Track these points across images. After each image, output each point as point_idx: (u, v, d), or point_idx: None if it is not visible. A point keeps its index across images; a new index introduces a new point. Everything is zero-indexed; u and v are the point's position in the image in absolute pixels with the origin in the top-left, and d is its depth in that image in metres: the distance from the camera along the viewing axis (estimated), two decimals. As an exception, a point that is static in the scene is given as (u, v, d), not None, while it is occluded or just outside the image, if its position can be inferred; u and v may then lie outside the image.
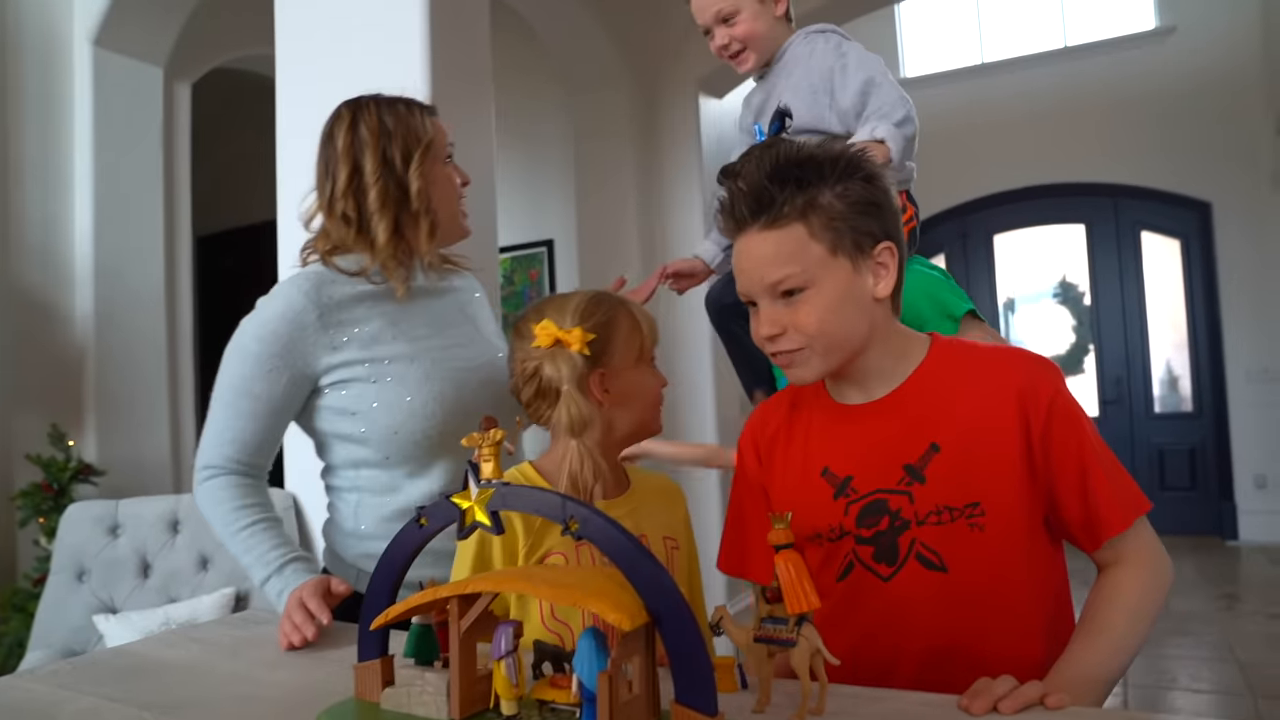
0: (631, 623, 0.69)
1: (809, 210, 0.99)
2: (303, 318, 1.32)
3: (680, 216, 4.11)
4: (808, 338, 1.01)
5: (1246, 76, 5.64)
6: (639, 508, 1.18)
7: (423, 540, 0.85)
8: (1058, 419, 1.00)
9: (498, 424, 0.82)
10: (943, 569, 1.00)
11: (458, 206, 1.45)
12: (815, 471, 1.08)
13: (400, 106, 1.39)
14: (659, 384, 1.18)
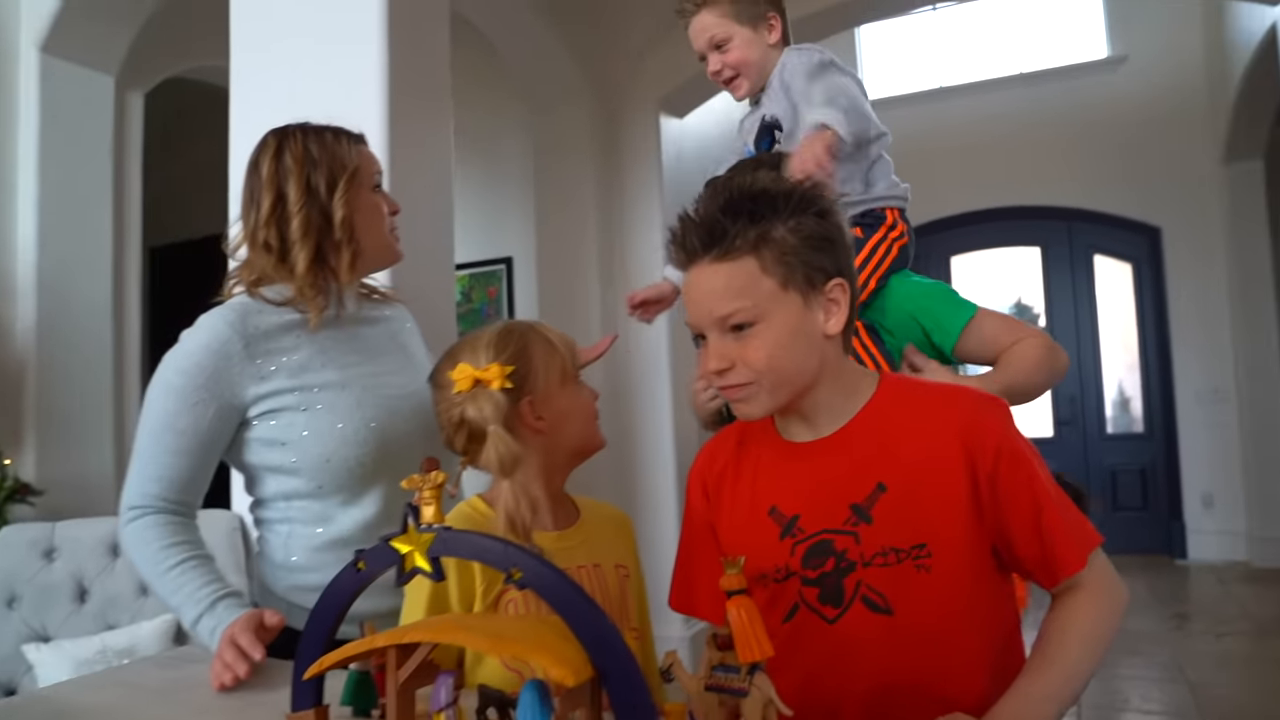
0: (575, 678, 0.66)
1: (761, 243, 0.98)
2: (228, 348, 1.30)
3: (640, 236, 4.10)
4: (756, 373, 0.99)
5: (1194, 107, 5.78)
6: (591, 537, 1.17)
7: (360, 585, 0.81)
8: (1005, 460, 0.99)
9: (439, 466, 0.78)
10: (888, 611, 0.99)
11: (385, 233, 1.45)
12: (762, 510, 1.06)
13: (327, 135, 1.40)
14: (590, 398, 1.19)
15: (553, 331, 1.18)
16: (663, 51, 4.09)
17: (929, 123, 6.39)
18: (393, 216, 1.47)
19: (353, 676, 0.87)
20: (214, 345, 1.30)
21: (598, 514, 1.23)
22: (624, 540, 1.24)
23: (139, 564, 1.30)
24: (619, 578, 1.17)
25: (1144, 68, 5.97)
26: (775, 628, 1.01)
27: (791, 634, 1.02)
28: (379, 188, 1.45)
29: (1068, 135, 6.09)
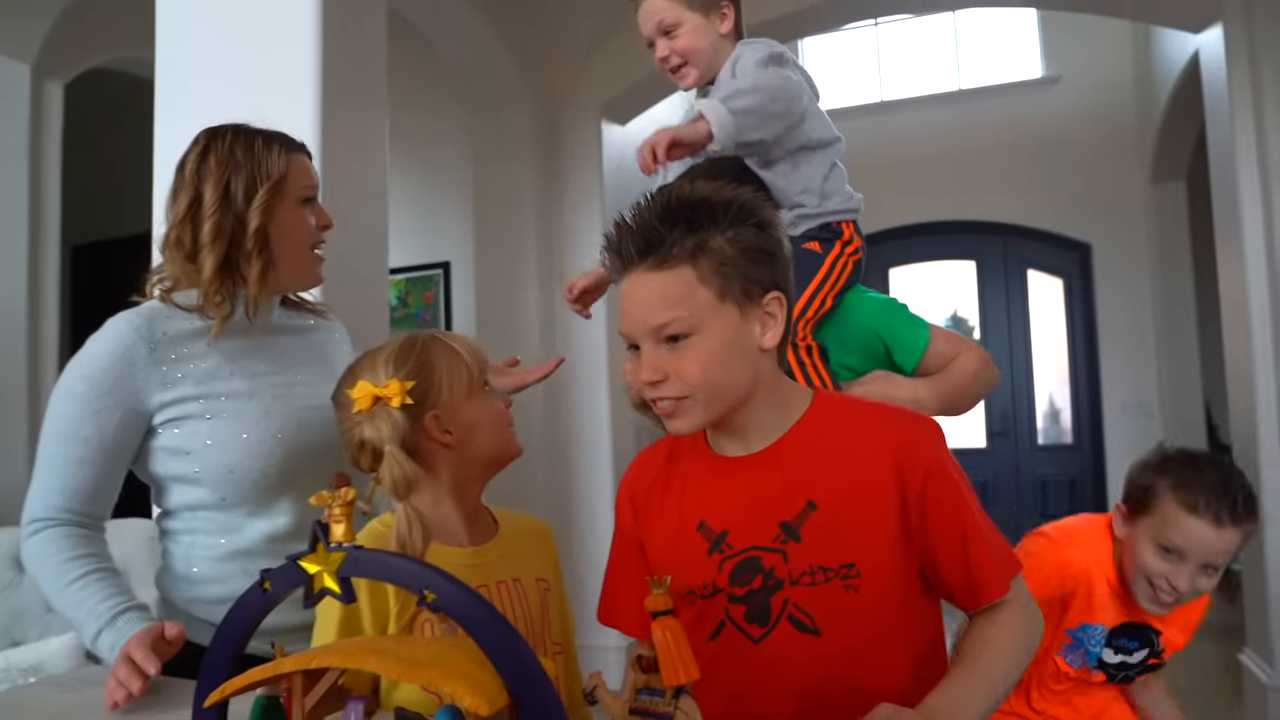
0: (490, 707, 0.63)
1: (699, 253, 0.96)
2: (132, 353, 1.26)
3: (580, 243, 4.07)
4: (690, 386, 0.97)
5: (1123, 128, 5.95)
6: (511, 550, 1.14)
7: (266, 606, 0.76)
8: (934, 483, 0.98)
9: (349, 481, 0.75)
10: (815, 632, 0.98)
11: (304, 250, 1.39)
12: (691, 525, 1.04)
13: (258, 140, 1.35)
14: (502, 406, 1.16)
15: (459, 340, 1.14)
16: (605, 57, 4.07)
17: (869, 136, 6.46)
18: (322, 232, 1.41)
19: (259, 702, 0.82)
20: (118, 350, 1.26)
21: (517, 526, 1.21)
22: (545, 552, 1.21)
23: (40, 579, 1.24)
24: (540, 591, 1.15)
25: (1076, 89, 6.13)
26: (701, 645, 1.00)
27: (717, 652, 1.00)
28: (310, 201, 1.39)
29: (1003, 152, 6.22)
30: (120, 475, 1.30)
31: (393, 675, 0.66)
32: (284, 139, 1.37)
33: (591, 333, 3.96)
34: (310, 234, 1.38)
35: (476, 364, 1.13)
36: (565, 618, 1.21)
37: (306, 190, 1.37)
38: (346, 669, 0.72)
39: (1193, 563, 1.49)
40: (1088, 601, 1.57)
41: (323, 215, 1.40)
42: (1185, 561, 1.49)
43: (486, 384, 1.16)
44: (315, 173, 1.40)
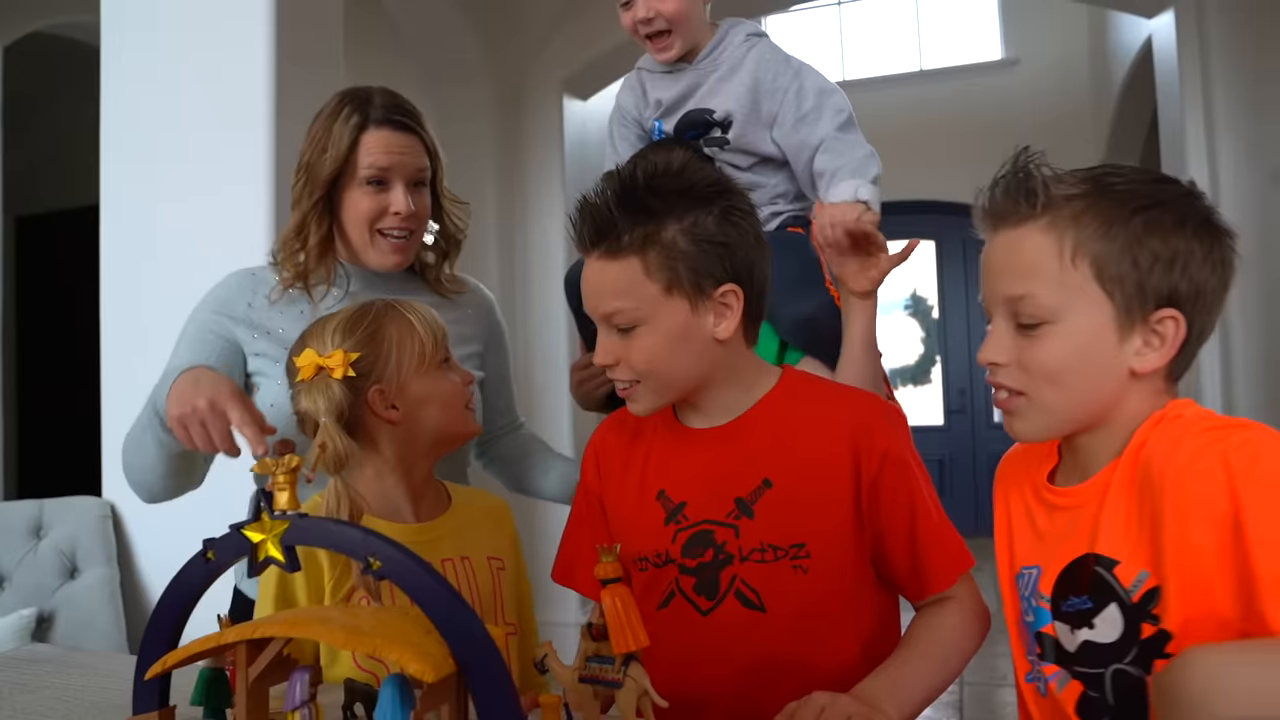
0: (435, 674, 0.62)
1: (648, 245, 0.95)
2: (233, 306, 1.32)
3: (541, 219, 4.04)
4: (638, 373, 0.99)
5: (1079, 111, 6.02)
6: (462, 527, 1.12)
7: (210, 576, 0.75)
8: (889, 471, 0.99)
9: (294, 449, 0.73)
10: (761, 609, 0.98)
11: (366, 232, 1.33)
12: (651, 493, 1.05)
13: (347, 109, 1.31)
14: (458, 383, 1.13)
15: (417, 310, 1.11)
16: (568, 30, 4.03)
17: (831, 116, 6.48)
18: (391, 217, 1.33)
19: (204, 674, 0.82)
20: (219, 299, 1.32)
21: (473, 503, 1.19)
22: (502, 530, 1.19)
23: (127, 458, 1.25)
24: (492, 570, 1.13)
25: (1034, 71, 6.19)
26: (650, 613, 1.01)
27: (666, 621, 1.01)
28: (377, 183, 1.31)
29: (962, 133, 6.27)
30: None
31: (337, 644, 0.66)
32: (377, 110, 1.31)
33: (552, 311, 3.95)
34: (370, 217, 1.31)
35: (432, 337, 1.11)
36: (524, 598, 1.19)
37: (370, 170, 1.30)
38: (290, 639, 0.71)
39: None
40: (1005, 520, 0.99)
41: (396, 200, 1.31)
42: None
43: (447, 360, 1.13)
44: (401, 151, 1.31)
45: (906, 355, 6.76)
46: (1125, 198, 0.79)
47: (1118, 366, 0.80)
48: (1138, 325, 0.79)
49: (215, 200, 2.21)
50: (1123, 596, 0.78)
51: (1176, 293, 0.78)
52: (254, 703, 0.72)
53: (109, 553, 2.48)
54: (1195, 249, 0.78)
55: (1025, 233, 0.82)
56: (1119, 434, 0.81)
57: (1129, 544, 0.78)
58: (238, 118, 2.22)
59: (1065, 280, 0.79)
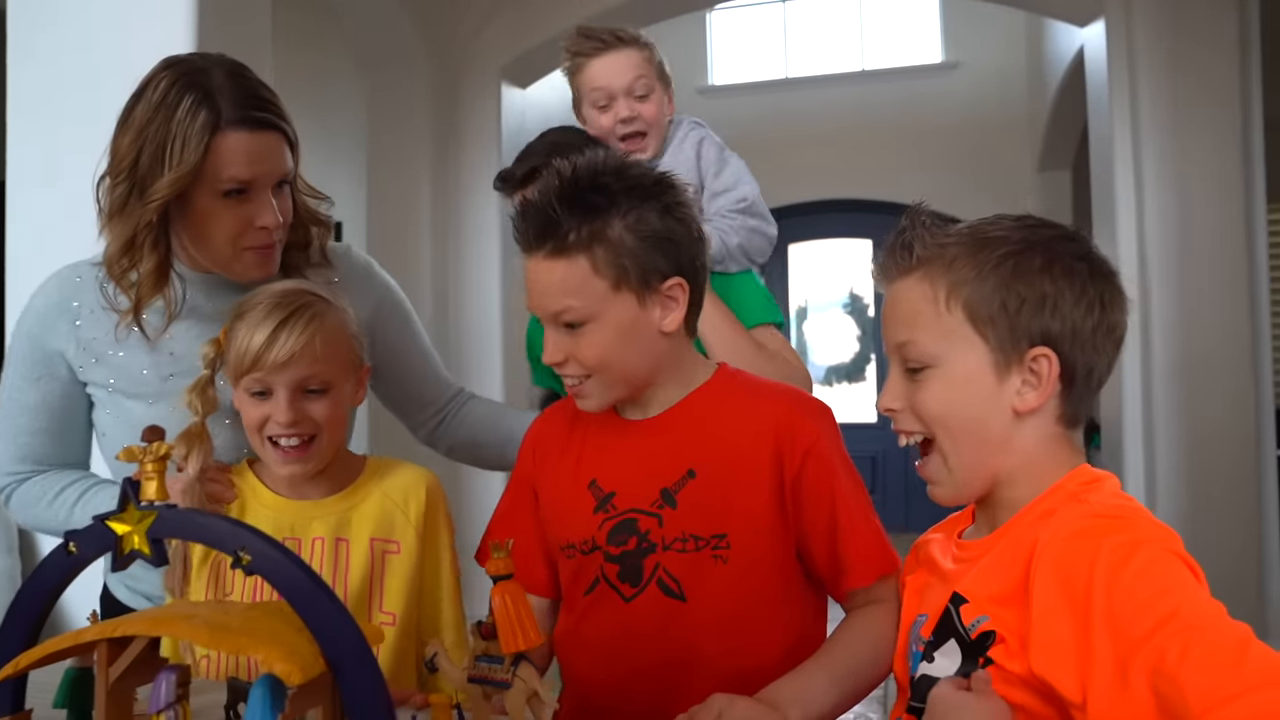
0: (303, 674, 0.59)
1: (595, 242, 0.96)
2: (56, 323, 1.17)
3: (477, 208, 3.97)
4: (588, 369, 0.99)
5: (1015, 117, 6.14)
6: (356, 508, 1.10)
7: (71, 570, 0.71)
8: (812, 466, 1.00)
9: (163, 436, 0.69)
10: (681, 598, 0.99)
11: (228, 250, 1.15)
12: (584, 482, 1.06)
13: (189, 100, 1.07)
14: (257, 414, 1.06)
15: (263, 332, 1.02)
16: (506, 16, 3.97)
17: (773, 112, 6.51)
18: (259, 232, 1.13)
19: (69, 674, 0.77)
20: (46, 315, 1.17)
21: (384, 480, 1.13)
22: (407, 510, 1.12)
23: (39, 523, 1.19)
24: (373, 554, 1.09)
25: (973, 76, 6.29)
26: (577, 599, 1.05)
27: (591, 607, 1.03)
28: (237, 194, 1.10)
29: (901, 134, 6.35)
30: (81, 433, 1.21)
31: (200, 642, 0.62)
32: (232, 103, 1.07)
33: (486, 301, 3.90)
34: (236, 234, 1.11)
35: (240, 364, 1.04)
36: (442, 584, 1.14)
37: (230, 184, 1.08)
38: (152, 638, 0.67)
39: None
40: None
41: (263, 212, 1.11)
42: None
43: (260, 389, 1.05)
44: (263, 158, 1.10)
45: (842, 353, 6.84)
46: (996, 243, 0.82)
47: (1001, 407, 0.82)
48: (1014, 365, 0.81)
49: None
50: (962, 633, 0.80)
51: (1049, 333, 0.80)
52: (116, 704, 0.68)
53: (10, 542, 2.39)
54: (1065, 290, 0.80)
55: (906, 284, 0.86)
56: (1019, 480, 0.83)
57: (988, 589, 0.79)
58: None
59: (942, 325, 0.82)
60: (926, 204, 0.88)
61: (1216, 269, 3.36)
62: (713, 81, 6.80)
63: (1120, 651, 0.66)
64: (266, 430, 1.04)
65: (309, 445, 1.05)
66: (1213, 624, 0.65)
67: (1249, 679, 0.61)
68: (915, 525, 1.12)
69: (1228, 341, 3.34)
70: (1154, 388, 3.37)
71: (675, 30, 6.38)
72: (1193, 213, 3.39)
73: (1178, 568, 0.70)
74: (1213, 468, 3.31)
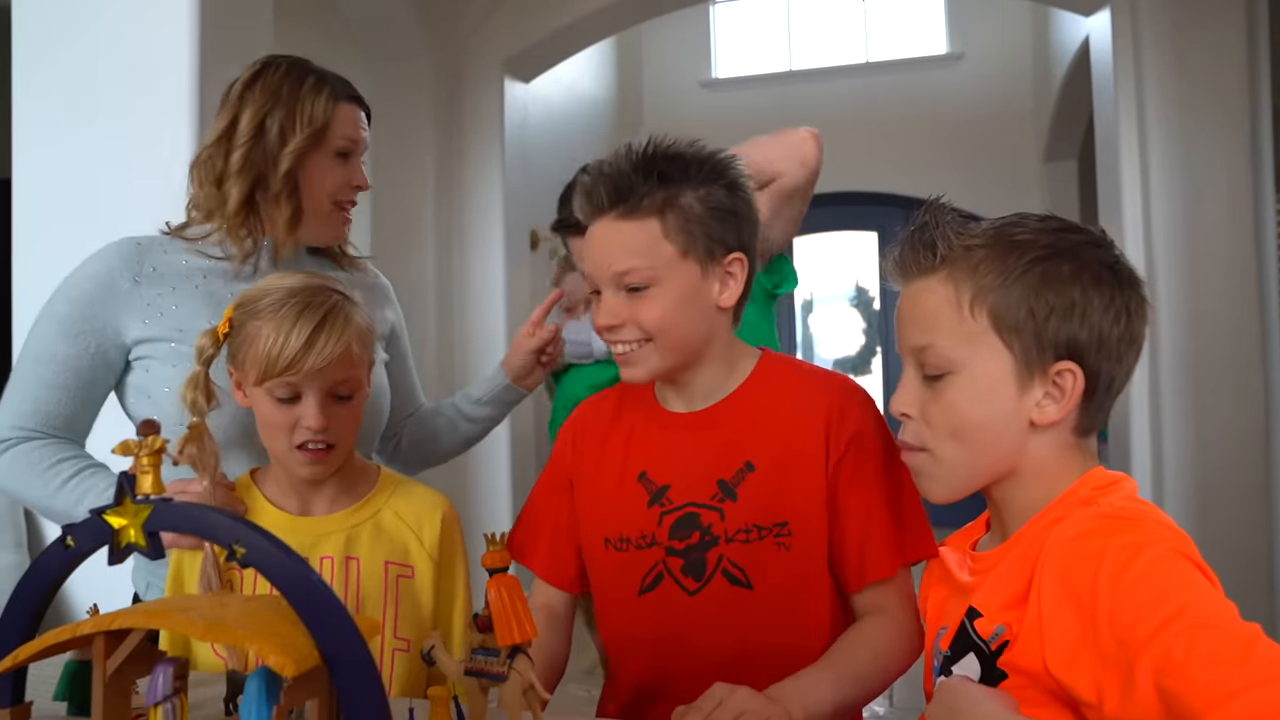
0: (297, 667, 0.59)
1: (667, 207, 0.99)
2: (116, 281, 1.21)
3: (481, 202, 3.97)
4: (646, 333, 1.01)
5: (1021, 107, 6.11)
6: (365, 525, 1.07)
7: (69, 564, 0.71)
8: (854, 451, 1.02)
9: (159, 429, 0.69)
10: (748, 586, 1.02)
11: (329, 205, 1.30)
12: (633, 475, 1.07)
13: (310, 79, 1.28)
14: (276, 420, 1.03)
15: (292, 328, 1.00)
16: (509, 10, 3.96)
17: (777, 105, 6.49)
18: (353, 191, 1.32)
19: (69, 667, 0.77)
20: (103, 276, 1.21)
21: (398, 500, 1.11)
22: (422, 534, 1.10)
23: (23, 492, 1.19)
24: (387, 577, 1.06)
25: (978, 67, 6.26)
26: (631, 598, 1.05)
27: (653, 603, 1.04)
28: (347, 156, 1.30)
29: (906, 126, 6.32)
30: (95, 405, 1.24)
31: (196, 635, 0.62)
32: (338, 85, 1.30)
33: (489, 293, 3.90)
34: (338, 189, 1.30)
35: (270, 364, 1.00)
36: (454, 602, 1.12)
37: (344, 143, 1.29)
38: (149, 631, 0.67)
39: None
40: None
41: (358, 174, 1.32)
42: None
43: (289, 395, 1.02)
44: (363, 128, 1.33)
45: (848, 346, 6.82)
46: (1024, 247, 0.80)
47: (1018, 418, 0.79)
48: (1037, 376, 0.79)
49: (133, 174, 2.12)
50: (981, 645, 0.78)
51: (1075, 342, 0.78)
52: (114, 697, 0.68)
53: (19, 538, 2.40)
54: (1094, 298, 0.78)
55: (927, 284, 0.83)
56: (1030, 488, 0.81)
57: (1000, 599, 0.78)
58: (158, 89, 2.14)
59: (965, 330, 0.80)
60: (948, 200, 0.85)
61: (1224, 260, 3.33)
62: (716, 75, 6.78)
63: (1124, 653, 0.65)
64: (297, 436, 1.02)
65: (333, 448, 1.04)
66: (1220, 622, 0.64)
67: (1255, 674, 0.60)
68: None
69: (1236, 333, 3.31)
70: (1161, 381, 3.35)
71: (679, 23, 6.39)
72: (1199, 203, 3.37)
73: (1184, 567, 0.69)
74: (1222, 462, 3.29)
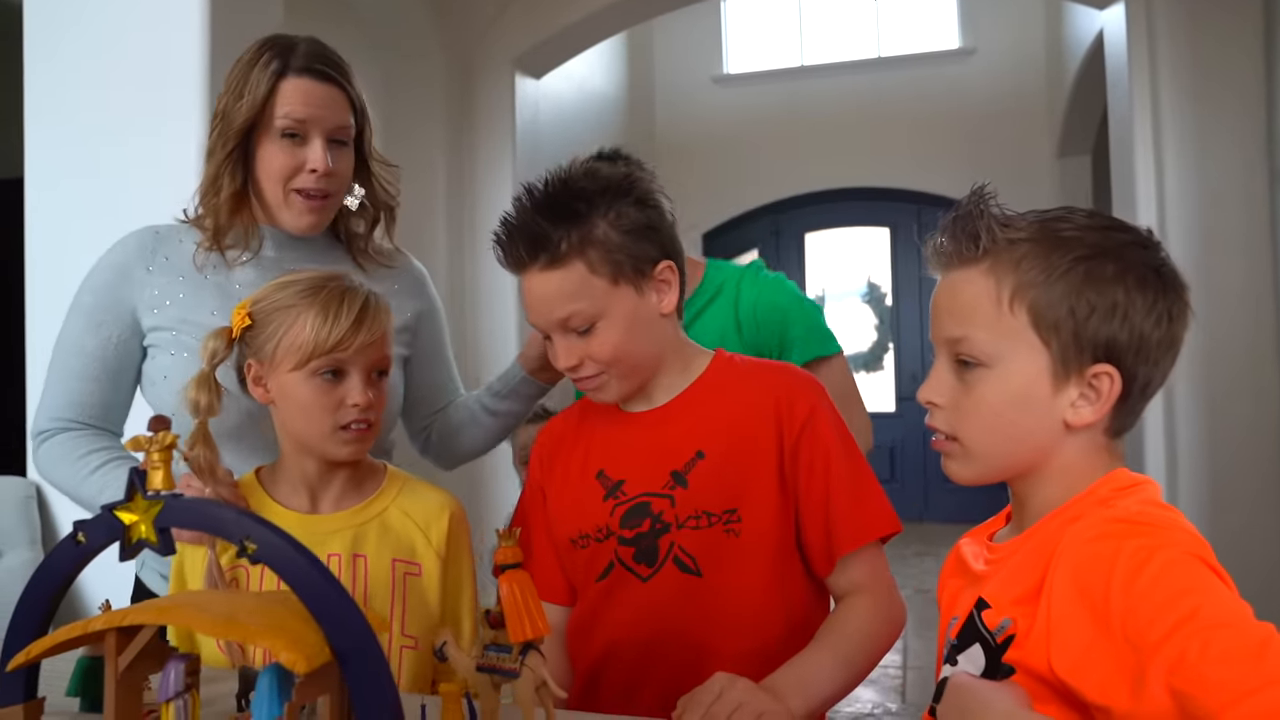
0: (308, 664, 0.59)
1: (586, 245, 1.00)
2: (131, 270, 1.22)
3: (492, 199, 3.96)
4: (604, 364, 1.03)
5: (1034, 102, 6.07)
6: (372, 522, 1.07)
7: (80, 560, 0.71)
8: (809, 434, 1.04)
9: (169, 425, 0.69)
10: (697, 573, 1.03)
11: (280, 190, 1.24)
12: (591, 474, 1.10)
13: (265, 56, 1.20)
14: (320, 401, 1.02)
15: (334, 308, 1.01)
16: (520, 6, 3.96)
17: (788, 100, 6.48)
18: (308, 175, 1.22)
19: (81, 663, 0.77)
20: (119, 264, 1.22)
21: (407, 498, 1.11)
22: (430, 532, 1.10)
23: (58, 482, 1.21)
24: (395, 575, 1.06)
25: (990, 61, 6.22)
26: (589, 585, 1.08)
27: (606, 591, 1.06)
28: (293, 137, 1.20)
29: (919, 121, 6.30)
30: (127, 392, 1.25)
31: (207, 631, 0.62)
32: (293, 59, 1.20)
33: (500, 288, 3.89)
34: (286, 174, 1.21)
35: (320, 344, 1.00)
36: (461, 600, 1.12)
37: (286, 122, 1.19)
38: (160, 627, 0.67)
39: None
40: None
41: (314, 157, 1.20)
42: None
43: (337, 371, 1.03)
44: (322, 105, 1.21)
45: (860, 342, 6.80)
46: (1069, 244, 0.78)
47: (1051, 417, 0.78)
48: (1073, 376, 0.77)
49: (144, 170, 2.13)
50: (987, 637, 0.77)
51: (1115, 343, 0.76)
52: (126, 693, 0.68)
53: (33, 534, 2.40)
54: (1137, 300, 0.76)
55: (967, 275, 0.81)
56: (1053, 485, 0.80)
57: (1010, 592, 0.76)
58: (168, 85, 2.14)
59: (1003, 325, 0.78)
60: (992, 189, 0.83)
61: (1240, 256, 3.30)
62: (728, 70, 6.77)
63: (1138, 657, 0.64)
64: (341, 416, 1.02)
65: (372, 427, 1.06)
66: (1234, 622, 0.63)
67: (1269, 673, 0.59)
68: (932, 515, 1.09)
69: (1252, 330, 3.28)
70: (1175, 378, 3.30)
71: (690, 19, 6.37)
72: (1215, 198, 3.34)
73: (1198, 570, 0.67)
74: (1236, 459, 3.26)
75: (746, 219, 6.69)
